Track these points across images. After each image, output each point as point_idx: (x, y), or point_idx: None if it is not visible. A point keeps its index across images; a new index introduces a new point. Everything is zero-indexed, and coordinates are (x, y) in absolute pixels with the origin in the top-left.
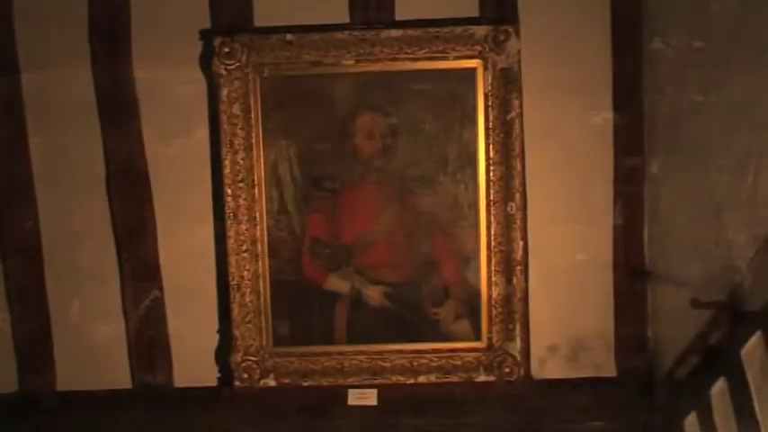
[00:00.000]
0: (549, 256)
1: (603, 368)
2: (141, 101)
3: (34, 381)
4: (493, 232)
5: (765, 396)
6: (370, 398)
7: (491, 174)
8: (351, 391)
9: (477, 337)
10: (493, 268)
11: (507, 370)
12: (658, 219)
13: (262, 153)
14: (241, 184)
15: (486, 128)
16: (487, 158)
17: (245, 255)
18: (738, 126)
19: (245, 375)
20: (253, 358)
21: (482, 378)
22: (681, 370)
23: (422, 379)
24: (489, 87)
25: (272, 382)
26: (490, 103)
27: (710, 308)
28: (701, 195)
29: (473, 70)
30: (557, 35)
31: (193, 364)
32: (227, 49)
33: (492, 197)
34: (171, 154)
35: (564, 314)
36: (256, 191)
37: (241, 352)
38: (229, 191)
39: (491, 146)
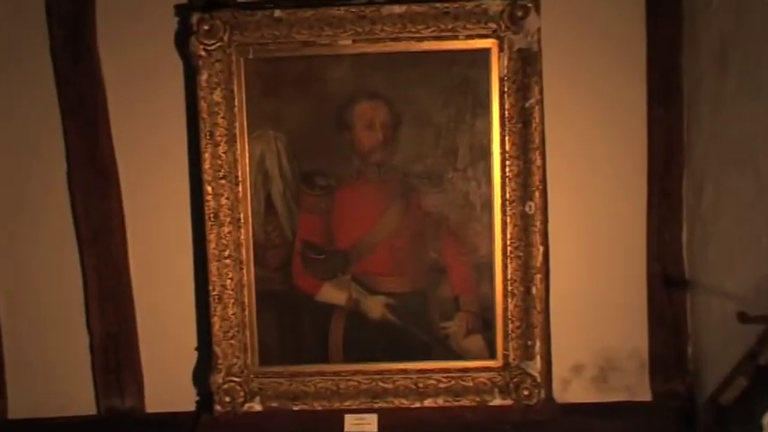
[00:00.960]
0: (574, 263)
1: (637, 391)
2: (108, 87)
3: None
4: (509, 235)
5: None
6: (369, 424)
7: (507, 169)
8: (348, 417)
9: (492, 355)
10: (509, 276)
11: (526, 392)
12: (699, 219)
13: (246, 145)
14: (223, 181)
15: (502, 117)
16: (503, 152)
17: (228, 261)
18: None
19: (228, 399)
20: (236, 379)
21: (497, 402)
22: (727, 394)
23: (428, 402)
24: (505, 71)
25: (257, 407)
26: (506, 89)
27: (761, 322)
28: (749, 193)
29: (487, 51)
30: (582, 10)
31: (168, 386)
32: (206, 27)
33: (508, 196)
34: (142, 147)
35: (591, 329)
36: (240, 188)
37: (223, 372)
38: (209, 188)
39: (507, 137)
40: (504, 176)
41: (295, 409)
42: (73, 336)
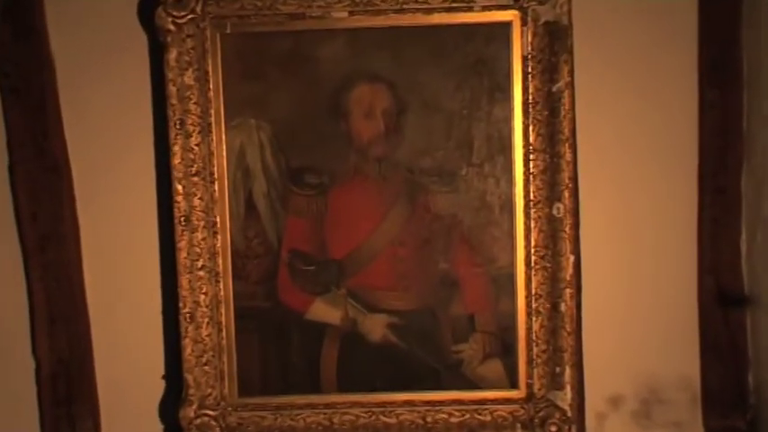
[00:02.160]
0: (610, 275)
1: (687, 428)
2: (58, 67)
3: None
4: (534, 243)
5: None
6: None
7: (531, 164)
8: None
9: (513, 384)
10: (534, 291)
11: (554, 429)
12: (762, 223)
13: (223, 137)
14: (195, 179)
15: (525, 103)
16: (526, 144)
17: (201, 273)
18: None
19: None
20: (211, 413)
21: None
22: None
23: None
24: (529, 48)
25: None
26: (530, 70)
27: None
28: None
29: (507, 25)
30: None
31: (130, 420)
32: None
33: (532, 196)
34: (99, 137)
35: (631, 354)
36: (216, 187)
37: (195, 404)
38: (180, 187)
39: (531, 127)
40: (527, 173)
41: None
42: (16, 363)
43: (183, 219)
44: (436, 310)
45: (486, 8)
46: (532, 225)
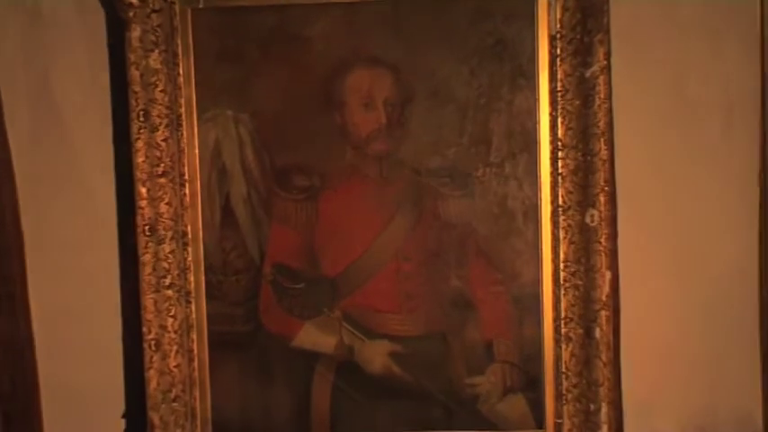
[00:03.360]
0: (653, 295)
1: None
2: None
3: None
4: (563, 256)
5: None
6: None
7: (560, 164)
8: None
9: (539, 424)
10: (563, 314)
11: None
12: None
13: (196, 131)
14: (162, 180)
15: (553, 91)
16: (554, 140)
17: (169, 293)
18: None
19: None
20: None
21: None
22: None
23: None
24: (558, 26)
25: None
26: (559, 52)
27: None
28: None
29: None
30: None
31: None
32: None
33: (561, 201)
34: (48, 132)
35: (679, 387)
36: (187, 191)
37: None
38: (144, 190)
39: (560, 119)
40: (555, 174)
41: None
42: None
43: (147, 228)
44: (447, 336)
45: None
46: (561, 235)
